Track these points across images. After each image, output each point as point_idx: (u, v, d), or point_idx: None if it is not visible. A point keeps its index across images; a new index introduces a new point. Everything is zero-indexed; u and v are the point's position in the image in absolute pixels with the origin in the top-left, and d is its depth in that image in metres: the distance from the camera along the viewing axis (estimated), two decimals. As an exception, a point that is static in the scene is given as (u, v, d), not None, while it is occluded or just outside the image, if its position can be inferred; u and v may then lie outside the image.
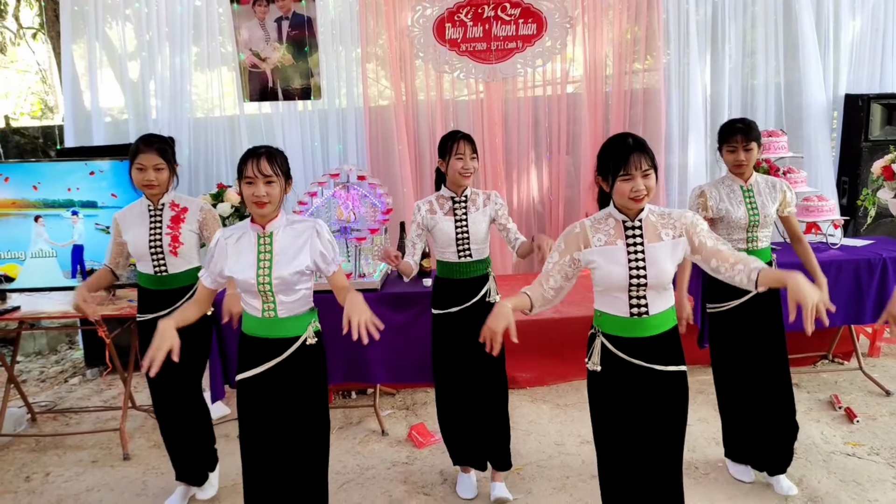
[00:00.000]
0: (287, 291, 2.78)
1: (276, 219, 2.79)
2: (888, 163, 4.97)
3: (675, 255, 2.54)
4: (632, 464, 2.60)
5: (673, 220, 2.57)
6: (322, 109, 6.16)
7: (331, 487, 3.76)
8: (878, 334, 5.30)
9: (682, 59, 6.25)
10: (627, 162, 2.45)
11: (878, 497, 3.53)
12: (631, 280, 2.51)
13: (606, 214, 2.61)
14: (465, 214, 3.54)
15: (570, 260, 2.57)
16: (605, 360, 2.60)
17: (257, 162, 2.67)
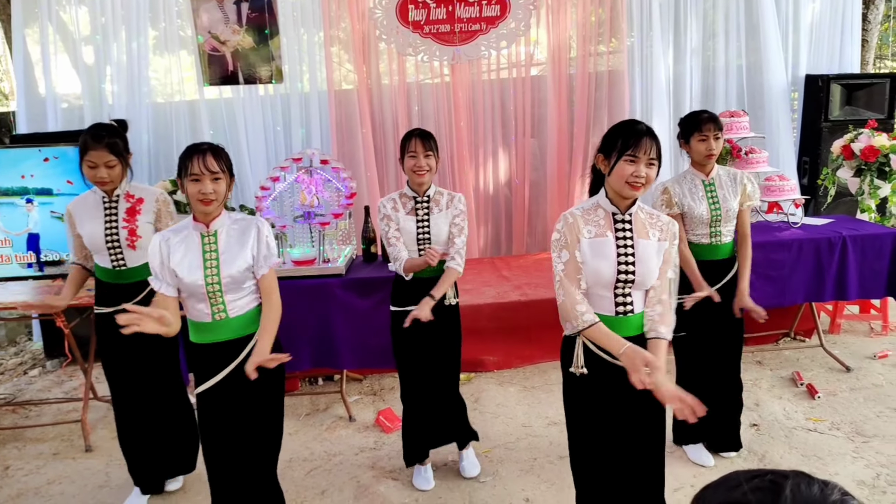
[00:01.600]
0: (236, 290, 2.72)
1: (220, 217, 2.72)
2: (847, 142, 5.06)
3: (659, 256, 2.48)
4: (614, 464, 2.55)
5: (661, 224, 2.51)
6: (284, 94, 6.08)
7: (298, 474, 3.78)
8: (839, 311, 5.39)
9: (644, 41, 6.27)
10: (639, 143, 2.36)
11: (839, 470, 3.59)
12: (618, 276, 2.43)
13: (595, 205, 2.51)
14: (427, 215, 3.48)
15: (579, 254, 2.46)
16: (585, 361, 2.50)
17: (203, 158, 2.60)
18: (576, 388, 2.56)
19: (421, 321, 3.33)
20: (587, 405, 2.55)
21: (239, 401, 2.75)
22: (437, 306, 3.46)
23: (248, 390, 2.73)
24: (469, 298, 5.02)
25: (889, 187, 4.94)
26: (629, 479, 2.56)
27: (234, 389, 2.73)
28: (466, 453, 3.78)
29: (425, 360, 3.56)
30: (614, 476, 2.56)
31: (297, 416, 4.47)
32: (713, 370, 3.66)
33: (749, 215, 3.62)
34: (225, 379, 2.72)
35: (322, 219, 4.40)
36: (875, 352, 4.99)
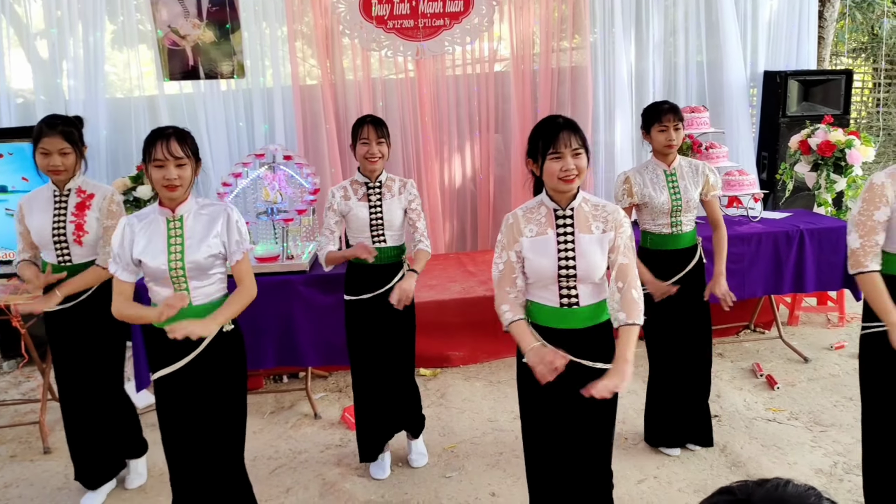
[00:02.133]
0: (201, 277, 2.68)
1: (186, 202, 2.69)
2: (804, 137, 5.15)
3: (604, 249, 2.49)
4: (560, 455, 2.59)
5: (606, 214, 2.52)
6: (246, 89, 6.00)
7: (262, 473, 3.75)
8: (797, 304, 5.50)
9: (607, 37, 6.31)
10: (557, 140, 2.39)
11: (798, 460, 3.67)
12: (560, 271, 2.46)
13: (538, 203, 2.54)
14: (379, 200, 3.49)
15: (516, 255, 2.51)
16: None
17: (167, 143, 2.56)
18: (527, 377, 2.58)
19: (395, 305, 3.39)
20: (537, 394, 2.58)
21: (199, 391, 2.71)
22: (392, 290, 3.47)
23: (209, 380, 2.70)
24: (434, 294, 5.03)
25: (845, 181, 5.04)
26: (577, 470, 2.60)
27: (194, 379, 2.70)
28: (416, 444, 3.80)
29: (380, 348, 3.56)
30: (562, 466, 2.60)
31: (261, 415, 4.43)
32: (683, 364, 3.70)
33: (718, 205, 3.67)
34: (185, 369, 2.69)
35: (285, 215, 4.36)
36: (832, 343, 5.10)
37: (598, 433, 2.60)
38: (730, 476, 3.55)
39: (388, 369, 3.60)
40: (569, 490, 2.61)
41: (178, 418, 2.74)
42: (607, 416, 2.61)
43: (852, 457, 3.65)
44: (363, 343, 3.58)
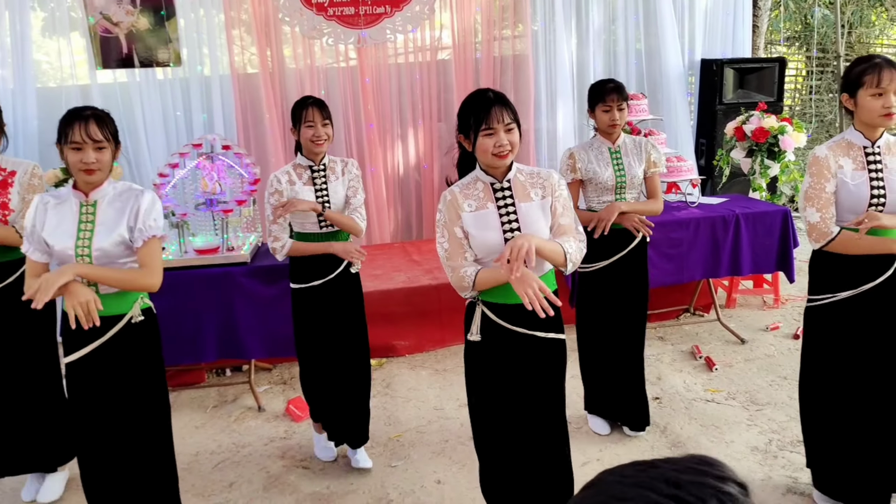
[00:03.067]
0: (110, 265, 2.59)
1: (102, 187, 2.60)
2: (739, 124, 5.27)
3: (546, 214, 2.49)
4: (514, 434, 2.56)
5: (542, 180, 2.52)
6: (184, 78, 5.87)
7: (205, 468, 3.70)
8: (734, 287, 5.64)
9: (548, 25, 6.36)
10: (489, 115, 2.36)
11: (735, 438, 3.77)
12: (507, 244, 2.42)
13: (473, 178, 2.51)
14: (325, 183, 3.44)
15: (461, 230, 2.45)
16: (484, 329, 2.50)
17: (85, 126, 2.47)
18: (475, 356, 2.57)
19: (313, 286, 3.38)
20: (485, 373, 2.55)
21: (110, 384, 2.63)
22: (343, 277, 3.44)
23: (121, 372, 2.63)
24: (379, 284, 5.01)
25: (778, 167, 5.17)
26: (531, 448, 2.58)
27: (105, 371, 2.61)
28: (359, 451, 3.68)
29: (330, 337, 3.52)
30: (515, 445, 2.57)
31: (203, 409, 4.37)
32: (616, 344, 3.76)
33: (658, 181, 3.72)
34: (92, 358, 2.60)
35: (225, 206, 4.29)
36: (767, 324, 5.25)
37: (550, 407, 2.59)
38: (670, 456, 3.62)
39: (339, 358, 3.56)
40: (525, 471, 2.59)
41: (89, 412, 2.65)
42: (557, 388, 2.61)
43: (786, 434, 3.77)
44: (312, 332, 3.53)
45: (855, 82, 2.70)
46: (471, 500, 3.34)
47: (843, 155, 2.77)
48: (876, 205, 2.73)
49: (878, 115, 2.67)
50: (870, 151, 2.76)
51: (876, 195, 2.73)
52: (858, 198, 2.73)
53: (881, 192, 2.73)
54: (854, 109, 2.75)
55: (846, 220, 2.77)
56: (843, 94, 2.77)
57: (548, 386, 2.58)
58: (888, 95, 2.63)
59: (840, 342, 2.84)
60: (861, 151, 2.77)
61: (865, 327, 2.80)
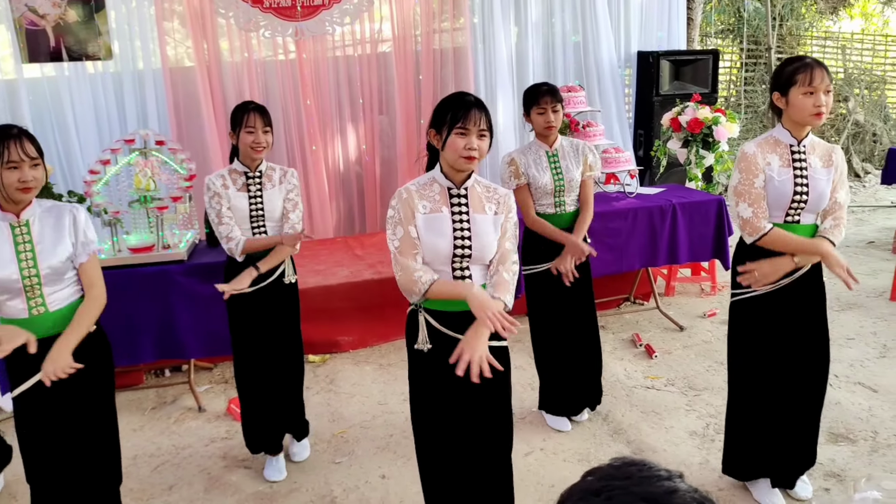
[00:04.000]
0: (57, 282, 2.54)
1: (31, 205, 2.52)
2: (675, 115, 5.36)
3: (496, 230, 2.48)
4: (458, 442, 2.53)
5: (498, 196, 2.51)
6: (116, 72, 5.71)
7: (144, 471, 3.62)
8: (673, 275, 5.75)
9: (487, 18, 6.37)
10: (467, 114, 2.33)
11: (674, 423, 3.85)
12: (455, 251, 2.41)
13: (430, 180, 2.47)
14: (259, 191, 3.35)
15: (414, 229, 2.41)
16: (430, 338, 2.47)
17: (20, 143, 2.39)
18: (420, 364, 2.54)
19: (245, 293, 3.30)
20: (431, 381, 2.52)
21: (63, 401, 2.56)
22: (275, 285, 3.39)
23: (73, 389, 2.54)
24: (322, 279, 4.97)
25: (713, 157, 5.28)
26: (474, 456, 2.56)
27: (57, 389, 2.51)
28: (299, 443, 3.68)
29: (266, 340, 3.46)
30: (459, 453, 2.54)
31: (142, 411, 4.27)
32: (570, 344, 3.79)
33: (591, 186, 3.75)
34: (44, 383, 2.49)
35: (160, 203, 4.19)
36: (705, 311, 5.37)
37: (496, 413, 2.57)
38: (612, 444, 3.68)
39: (274, 369, 3.50)
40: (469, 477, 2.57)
41: (41, 428, 2.57)
42: (503, 394, 2.59)
43: (723, 418, 3.81)
44: (248, 336, 3.46)
45: (787, 81, 2.77)
46: (415, 493, 3.32)
47: (770, 152, 2.85)
48: (798, 202, 2.82)
49: (808, 114, 2.74)
50: (796, 150, 2.84)
51: (798, 192, 2.81)
52: (782, 194, 2.81)
53: (804, 191, 2.81)
54: (784, 108, 2.81)
55: (770, 215, 2.85)
56: (775, 93, 2.84)
57: (492, 392, 2.54)
58: (818, 94, 2.71)
59: (761, 333, 2.95)
60: (787, 149, 2.85)
61: (784, 319, 2.91)
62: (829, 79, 2.72)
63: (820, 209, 2.87)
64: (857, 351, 4.60)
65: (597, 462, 3.45)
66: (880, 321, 5.06)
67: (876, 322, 5.06)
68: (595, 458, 3.57)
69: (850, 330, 4.89)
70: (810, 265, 2.88)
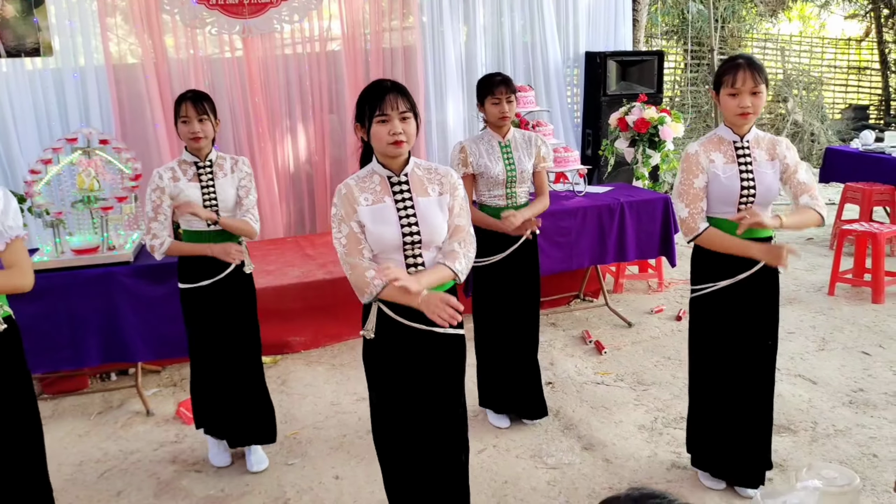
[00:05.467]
0: None
1: None
2: (622, 115, 5.46)
3: (444, 211, 2.46)
4: (414, 431, 2.53)
5: (440, 177, 2.49)
6: (56, 68, 5.56)
7: (90, 477, 3.55)
8: (621, 272, 5.84)
9: (436, 17, 6.39)
10: (383, 102, 2.30)
11: (623, 418, 3.91)
12: (405, 238, 2.40)
13: (370, 172, 2.44)
14: (211, 180, 3.32)
15: (358, 225, 2.39)
16: (381, 326, 2.45)
17: None
18: (373, 353, 2.53)
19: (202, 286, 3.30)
20: (384, 370, 2.52)
21: None
22: (233, 275, 3.37)
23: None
24: (272, 280, 4.92)
25: (659, 156, 5.39)
26: (431, 445, 2.56)
27: None
28: (254, 448, 3.61)
29: (223, 336, 3.42)
30: (416, 442, 2.55)
31: (87, 416, 4.17)
32: (511, 339, 3.81)
33: (546, 177, 3.78)
34: None
35: (104, 203, 4.10)
36: (652, 307, 5.48)
37: (450, 403, 2.58)
38: (563, 439, 3.73)
39: (231, 359, 3.46)
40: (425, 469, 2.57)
41: None
42: (457, 382, 2.59)
43: (670, 412, 3.95)
44: (203, 334, 3.42)
45: (717, 82, 2.89)
46: (369, 493, 3.33)
47: (714, 150, 2.92)
48: (746, 196, 2.89)
49: (733, 114, 2.85)
50: (739, 146, 2.92)
51: (746, 187, 2.89)
52: (730, 190, 2.88)
53: (751, 185, 2.89)
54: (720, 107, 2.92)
55: (720, 212, 2.92)
56: (712, 91, 2.94)
57: (447, 381, 2.55)
58: (743, 96, 2.79)
59: (720, 328, 3.01)
60: (731, 146, 2.93)
61: (741, 313, 2.98)
62: (758, 80, 2.77)
63: (770, 202, 2.94)
64: (796, 344, 4.74)
65: (548, 457, 3.52)
66: (819, 315, 5.23)
67: (815, 316, 5.23)
68: (547, 453, 3.61)
69: (790, 324, 5.04)
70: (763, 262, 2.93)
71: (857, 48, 14.03)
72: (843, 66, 13.53)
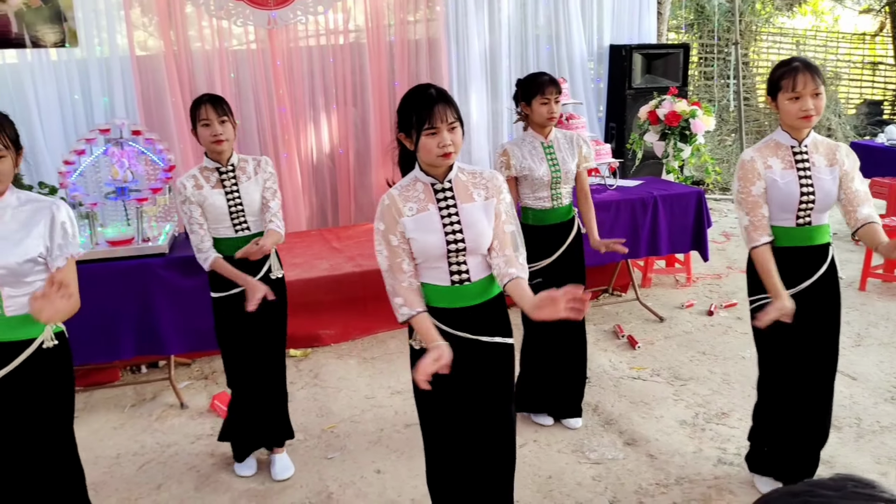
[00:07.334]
0: (16, 284, 2.29)
1: (3, 197, 2.31)
2: (653, 108, 5.40)
3: (489, 216, 2.40)
4: (463, 440, 2.49)
5: (485, 181, 2.43)
6: (81, 59, 5.52)
7: (128, 470, 3.53)
8: (649, 267, 5.80)
9: (460, 9, 6.34)
10: (432, 114, 2.23)
11: (664, 413, 3.88)
12: (448, 246, 2.34)
13: (413, 179, 2.40)
14: (235, 185, 3.23)
15: (400, 237, 2.34)
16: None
17: None
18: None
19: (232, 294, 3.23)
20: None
21: (15, 416, 2.34)
22: (264, 281, 3.29)
23: (25, 408, 2.35)
24: (301, 272, 4.88)
25: (689, 150, 5.34)
26: (480, 452, 2.52)
27: (8, 403, 2.32)
28: (279, 457, 3.50)
29: (252, 344, 3.35)
30: (465, 447, 2.51)
31: (121, 408, 4.14)
32: (558, 339, 3.73)
33: (587, 177, 3.74)
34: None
35: (139, 195, 4.05)
36: (682, 302, 5.43)
37: (499, 407, 2.53)
38: (604, 434, 3.69)
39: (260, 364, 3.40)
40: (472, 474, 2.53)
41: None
42: (505, 390, 2.55)
43: (711, 407, 3.91)
44: (235, 343, 3.35)
45: (774, 86, 2.80)
46: (412, 487, 3.30)
47: (771, 155, 2.86)
48: (806, 202, 2.83)
49: (796, 118, 2.77)
50: (797, 151, 2.86)
51: (805, 193, 2.82)
52: (788, 196, 2.82)
53: (810, 191, 2.82)
54: (777, 112, 2.86)
55: (780, 219, 2.86)
56: (767, 97, 2.88)
57: (495, 390, 2.50)
58: (805, 99, 2.73)
59: (783, 337, 2.91)
60: (789, 151, 2.86)
61: (805, 322, 2.88)
62: (818, 81, 2.72)
63: (828, 209, 2.88)
64: (832, 340, 4.70)
65: (591, 452, 3.48)
66: (852, 311, 5.19)
67: (848, 312, 5.14)
68: (589, 448, 3.58)
69: (823, 319, 5.00)
70: (825, 268, 2.89)
71: (871, 43, 13.96)
72: (857, 61, 13.46)
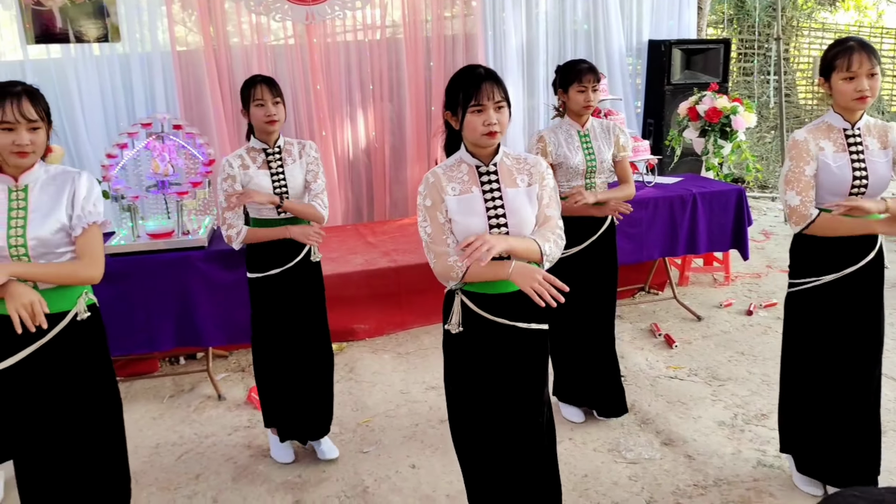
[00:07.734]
0: (48, 256, 2.35)
1: (33, 170, 2.36)
2: (693, 104, 5.33)
3: (532, 202, 2.39)
4: (496, 427, 2.46)
5: (529, 167, 2.42)
6: (123, 53, 5.60)
7: (167, 460, 3.57)
8: (687, 265, 5.73)
9: (497, 4, 6.31)
10: (479, 91, 2.23)
11: (701, 413, 3.83)
12: (490, 231, 2.34)
13: (458, 160, 2.40)
14: (280, 167, 3.28)
15: (444, 214, 2.34)
16: (464, 320, 2.40)
17: (18, 103, 2.23)
18: (454, 346, 2.47)
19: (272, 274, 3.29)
20: (465, 364, 2.46)
21: (52, 384, 2.40)
22: (303, 265, 3.34)
23: (62, 378, 2.41)
24: (336, 266, 4.91)
25: (730, 147, 5.26)
26: (515, 442, 2.49)
27: (44, 370, 2.38)
28: (324, 440, 3.57)
29: (291, 325, 3.40)
30: (498, 438, 2.48)
31: (159, 399, 4.20)
32: (589, 331, 3.72)
33: (628, 165, 3.68)
34: (33, 359, 2.36)
35: (179, 188, 4.10)
36: (721, 301, 5.36)
37: (533, 396, 2.51)
38: (641, 434, 3.66)
39: (299, 348, 3.44)
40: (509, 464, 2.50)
41: (25, 420, 2.42)
42: (539, 376, 2.52)
43: (750, 408, 3.85)
44: (271, 324, 3.40)
45: (828, 66, 2.73)
46: (447, 482, 3.30)
47: (823, 137, 2.79)
48: (858, 186, 2.75)
49: (850, 99, 2.70)
50: (850, 133, 2.79)
51: (858, 177, 2.74)
52: (841, 179, 2.75)
53: (863, 174, 2.75)
54: (830, 93, 2.78)
55: (827, 202, 2.77)
56: (819, 78, 2.80)
57: (530, 376, 2.48)
58: (860, 79, 2.66)
59: (822, 326, 2.87)
60: (841, 134, 2.79)
61: (846, 310, 2.84)
62: (874, 61, 2.65)
63: (880, 193, 2.80)
64: (875, 342, 4.60)
65: (627, 451, 3.45)
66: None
67: (892, 313, 5.06)
68: (625, 447, 3.55)
69: (866, 321, 4.90)
70: (873, 254, 2.81)
71: (916, 39, 13.61)
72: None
